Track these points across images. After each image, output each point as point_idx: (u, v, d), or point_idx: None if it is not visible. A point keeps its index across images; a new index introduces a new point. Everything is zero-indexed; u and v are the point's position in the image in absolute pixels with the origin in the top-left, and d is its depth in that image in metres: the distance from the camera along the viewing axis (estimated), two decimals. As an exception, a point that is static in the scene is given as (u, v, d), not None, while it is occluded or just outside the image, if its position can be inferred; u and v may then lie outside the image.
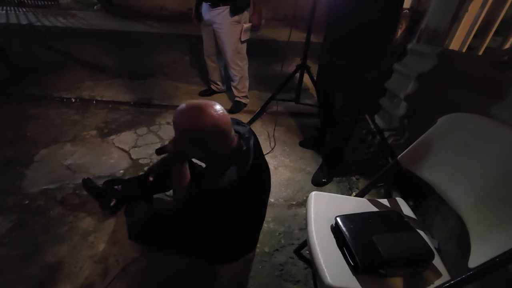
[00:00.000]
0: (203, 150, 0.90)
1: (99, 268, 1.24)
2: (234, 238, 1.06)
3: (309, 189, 1.74)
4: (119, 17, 4.72)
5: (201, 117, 0.84)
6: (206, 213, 0.91)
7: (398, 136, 1.91)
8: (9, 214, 1.47)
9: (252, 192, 0.98)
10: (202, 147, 0.89)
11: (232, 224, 0.99)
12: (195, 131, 0.85)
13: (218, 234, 1.01)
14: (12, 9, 5.02)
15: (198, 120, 0.84)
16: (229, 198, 0.89)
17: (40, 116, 2.35)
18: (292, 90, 2.40)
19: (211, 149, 0.90)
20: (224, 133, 0.89)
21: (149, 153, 1.95)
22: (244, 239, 1.11)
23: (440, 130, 0.97)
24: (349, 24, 1.41)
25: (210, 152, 0.91)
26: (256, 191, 1.03)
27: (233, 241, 1.07)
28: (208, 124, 0.84)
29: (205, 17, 2.24)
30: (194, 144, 0.88)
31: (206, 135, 0.86)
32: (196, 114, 0.84)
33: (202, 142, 0.87)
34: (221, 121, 0.86)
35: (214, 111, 0.85)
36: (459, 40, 1.71)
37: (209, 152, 0.91)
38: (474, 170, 0.85)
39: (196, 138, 0.86)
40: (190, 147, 0.91)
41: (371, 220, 0.93)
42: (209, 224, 0.97)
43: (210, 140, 0.87)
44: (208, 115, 0.84)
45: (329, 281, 0.79)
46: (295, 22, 2.16)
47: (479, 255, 0.71)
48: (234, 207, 0.93)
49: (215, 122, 0.85)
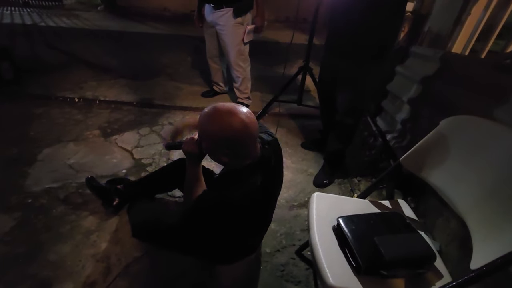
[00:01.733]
0: (229, 154, 0.88)
1: (101, 267, 1.25)
2: (238, 243, 1.06)
3: (310, 191, 1.75)
4: (122, 18, 4.75)
5: (233, 121, 0.82)
6: (218, 218, 0.90)
7: (400, 138, 1.91)
8: (12, 212, 1.48)
9: (264, 202, 0.97)
10: (229, 151, 0.86)
11: (238, 230, 0.99)
12: (225, 135, 0.83)
13: (223, 238, 1.01)
14: (16, 10, 5.05)
15: (229, 124, 0.82)
16: (245, 206, 0.87)
17: (43, 115, 2.37)
18: (294, 91, 2.40)
19: (237, 154, 0.88)
20: (252, 139, 0.87)
21: (152, 153, 1.96)
22: (248, 243, 1.11)
23: (442, 133, 0.97)
24: (352, 26, 1.42)
25: (236, 157, 0.89)
26: (268, 201, 1.02)
27: (237, 245, 1.07)
28: (239, 129, 0.82)
29: (208, 19, 2.25)
30: (221, 147, 0.86)
31: (235, 140, 0.84)
32: (228, 118, 0.82)
33: (231, 146, 0.85)
34: (251, 126, 0.84)
35: (245, 116, 0.83)
36: (462, 43, 1.72)
37: (234, 156, 0.89)
38: (476, 172, 0.86)
39: (224, 142, 0.84)
40: (215, 150, 0.89)
41: (373, 222, 0.93)
42: (217, 229, 0.96)
43: (238, 144, 0.85)
44: (239, 119, 0.82)
45: (331, 282, 0.80)
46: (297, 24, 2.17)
47: (480, 256, 0.71)
48: (245, 215, 0.91)
49: (246, 127, 0.83)
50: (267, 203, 1.02)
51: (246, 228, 0.99)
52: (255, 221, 1.00)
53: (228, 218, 0.89)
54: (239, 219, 0.91)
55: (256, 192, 0.89)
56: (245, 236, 1.04)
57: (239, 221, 0.92)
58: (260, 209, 0.97)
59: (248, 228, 1.00)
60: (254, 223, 1.00)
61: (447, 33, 1.74)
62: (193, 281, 1.22)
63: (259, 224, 1.07)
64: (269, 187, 0.98)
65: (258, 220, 1.02)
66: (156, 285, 1.21)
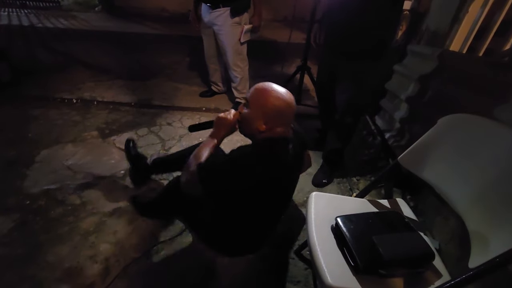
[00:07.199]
0: (268, 123, 0.95)
1: (99, 268, 1.25)
2: (243, 227, 1.06)
3: (309, 190, 1.74)
4: (120, 18, 4.72)
5: (281, 95, 0.96)
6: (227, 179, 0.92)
7: (399, 137, 1.91)
8: (10, 214, 1.47)
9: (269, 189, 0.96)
10: (270, 120, 0.95)
11: (238, 213, 1.02)
12: (273, 104, 0.95)
13: (224, 217, 1.04)
14: (14, 11, 5.02)
15: (278, 97, 0.96)
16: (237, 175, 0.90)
17: (41, 117, 2.36)
18: (292, 91, 2.37)
19: (274, 124, 0.96)
20: (291, 115, 0.99)
21: (150, 153, 1.96)
22: (253, 233, 1.10)
23: (440, 131, 0.97)
24: (350, 24, 1.42)
25: (272, 127, 0.96)
26: (275, 191, 0.99)
27: (242, 230, 1.07)
28: (285, 103, 0.96)
29: (205, 19, 2.24)
30: (265, 116, 0.95)
31: (280, 111, 0.95)
32: (277, 93, 0.97)
33: (273, 116, 0.95)
34: (293, 105, 0.99)
35: (290, 95, 0.99)
36: (460, 41, 1.72)
37: (272, 127, 0.96)
38: (474, 170, 0.85)
39: (270, 111, 0.94)
40: (256, 119, 0.96)
41: (372, 221, 0.93)
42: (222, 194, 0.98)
43: (280, 115, 0.96)
44: (287, 96, 0.98)
45: (329, 281, 0.80)
46: (295, 23, 2.17)
47: (479, 255, 0.71)
48: (241, 193, 0.94)
49: (289, 103, 0.97)
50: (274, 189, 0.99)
51: (254, 206, 0.99)
52: (264, 203, 0.99)
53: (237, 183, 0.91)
54: (249, 192, 0.93)
55: (277, 168, 0.93)
56: (250, 219, 1.04)
57: (249, 194, 0.94)
58: (275, 191, 0.98)
59: (256, 208, 1.00)
60: (263, 205, 0.99)
61: (445, 31, 1.74)
62: (192, 281, 1.22)
63: (268, 212, 1.05)
64: (282, 177, 0.98)
65: (268, 202, 1.00)
66: (155, 286, 1.20)
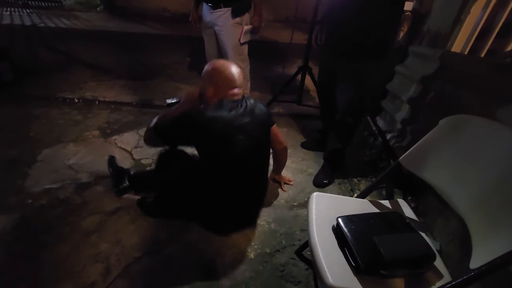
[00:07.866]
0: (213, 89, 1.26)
1: (101, 267, 1.25)
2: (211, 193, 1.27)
3: (310, 190, 1.74)
4: (122, 18, 4.73)
5: (214, 66, 1.29)
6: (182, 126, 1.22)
7: (400, 138, 1.91)
8: (12, 213, 1.48)
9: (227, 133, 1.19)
10: (213, 87, 1.26)
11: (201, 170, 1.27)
12: (209, 71, 1.28)
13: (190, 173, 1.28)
14: (16, 10, 5.04)
15: (213, 66, 1.29)
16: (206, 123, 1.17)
17: (43, 116, 2.37)
18: (293, 91, 2.40)
19: (218, 89, 1.25)
20: (226, 81, 1.25)
21: (151, 153, 1.96)
22: (226, 201, 1.29)
23: (442, 132, 0.97)
24: (349, 24, 1.42)
25: (217, 92, 1.25)
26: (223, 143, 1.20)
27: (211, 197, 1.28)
28: (216, 71, 1.27)
29: (206, 19, 2.24)
30: (209, 83, 1.26)
31: (215, 76, 1.26)
32: (213, 64, 1.30)
33: (213, 82, 1.26)
34: (227, 72, 1.26)
35: (222, 64, 1.29)
36: (461, 42, 1.71)
37: (216, 91, 1.26)
38: (475, 171, 0.85)
39: (211, 78, 1.26)
40: (206, 87, 1.28)
41: (373, 221, 0.93)
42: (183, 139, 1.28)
43: (216, 81, 1.26)
44: (218, 64, 1.29)
45: (330, 282, 0.80)
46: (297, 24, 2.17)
47: (480, 256, 0.71)
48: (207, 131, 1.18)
49: (220, 70, 1.27)
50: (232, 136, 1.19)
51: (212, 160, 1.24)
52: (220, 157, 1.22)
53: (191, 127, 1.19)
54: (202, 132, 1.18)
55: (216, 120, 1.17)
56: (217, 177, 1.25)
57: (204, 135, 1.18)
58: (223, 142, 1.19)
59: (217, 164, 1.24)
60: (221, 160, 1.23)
61: (447, 32, 1.74)
62: (192, 281, 1.22)
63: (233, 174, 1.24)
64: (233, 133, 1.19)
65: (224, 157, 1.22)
66: (155, 285, 1.21)
